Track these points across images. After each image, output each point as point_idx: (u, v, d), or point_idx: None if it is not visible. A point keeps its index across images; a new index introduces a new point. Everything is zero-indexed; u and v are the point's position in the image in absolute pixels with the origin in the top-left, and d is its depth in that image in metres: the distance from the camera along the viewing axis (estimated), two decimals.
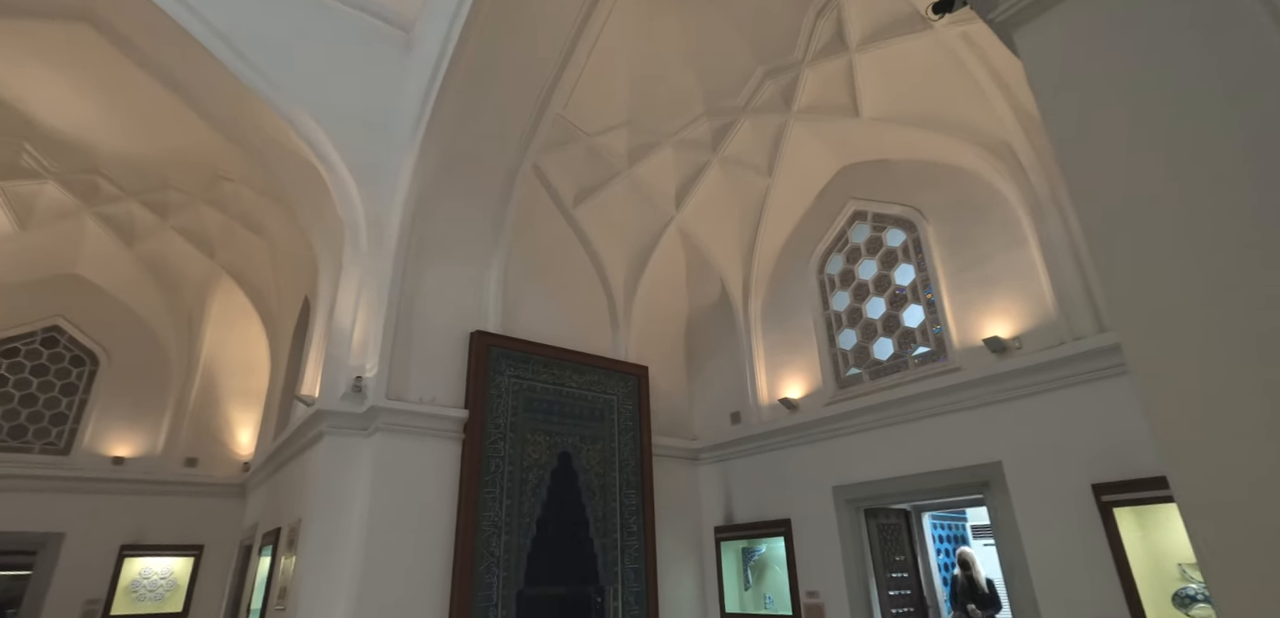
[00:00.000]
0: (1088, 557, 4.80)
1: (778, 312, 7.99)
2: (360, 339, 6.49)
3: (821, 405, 7.03)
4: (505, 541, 6.35)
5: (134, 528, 9.38)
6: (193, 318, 10.37)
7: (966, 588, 6.64)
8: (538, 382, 7.17)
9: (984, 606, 6.47)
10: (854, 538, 6.45)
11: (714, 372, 8.60)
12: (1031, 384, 5.31)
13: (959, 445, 5.75)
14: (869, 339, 6.83)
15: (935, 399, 5.93)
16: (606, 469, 7.37)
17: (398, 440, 6.12)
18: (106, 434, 9.58)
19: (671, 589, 7.51)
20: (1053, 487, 5.08)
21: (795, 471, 7.16)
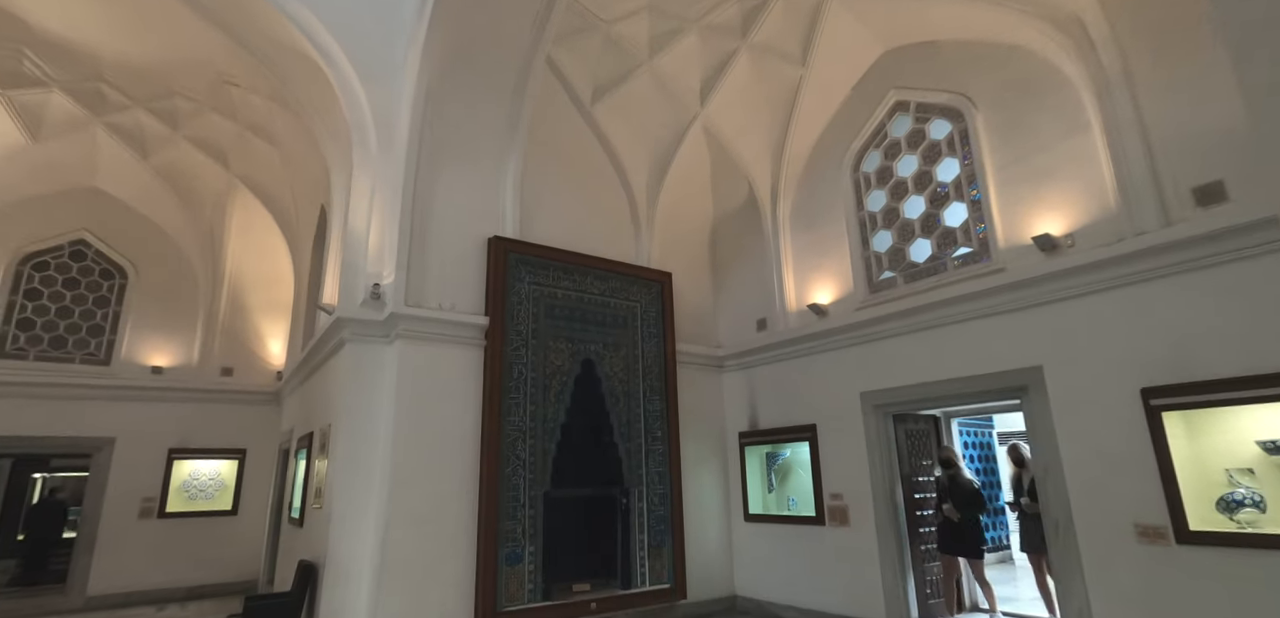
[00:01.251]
0: (1129, 462, 4.61)
1: (808, 214, 7.60)
2: (376, 246, 6.34)
3: (852, 311, 6.77)
4: (530, 445, 6.41)
5: (179, 433, 9.81)
6: (214, 231, 10.36)
7: (947, 488, 6.36)
8: (558, 289, 7.01)
9: (964, 506, 6.19)
10: (881, 443, 6.36)
11: (740, 278, 8.34)
12: (1082, 284, 4.95)
13: (997, 350, 5.48)
14: (906, 241, 6.46)
15: (975, 302, 5.62)
16: (630, 376, 7.31)
17: (419, 348, 6.08)
18: (143, 345, 9.85)
19: (696, 491, 7.62)
20: (1097, 391, 4.84)
21: (823, 377, 7.01)
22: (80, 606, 8.79)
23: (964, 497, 6.22)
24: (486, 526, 5.96)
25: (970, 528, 6.20)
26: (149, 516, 9.42)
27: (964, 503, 6.20)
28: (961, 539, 6.21)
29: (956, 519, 6.14)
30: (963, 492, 6.25)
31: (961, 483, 6.29)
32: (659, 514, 7.12)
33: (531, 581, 6.14)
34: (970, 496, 6.22)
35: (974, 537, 6.21)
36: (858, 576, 6.33)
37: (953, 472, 6.38)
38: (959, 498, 6.22)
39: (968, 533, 6.20)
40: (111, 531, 9.13)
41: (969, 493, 6.24)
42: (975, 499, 6.22)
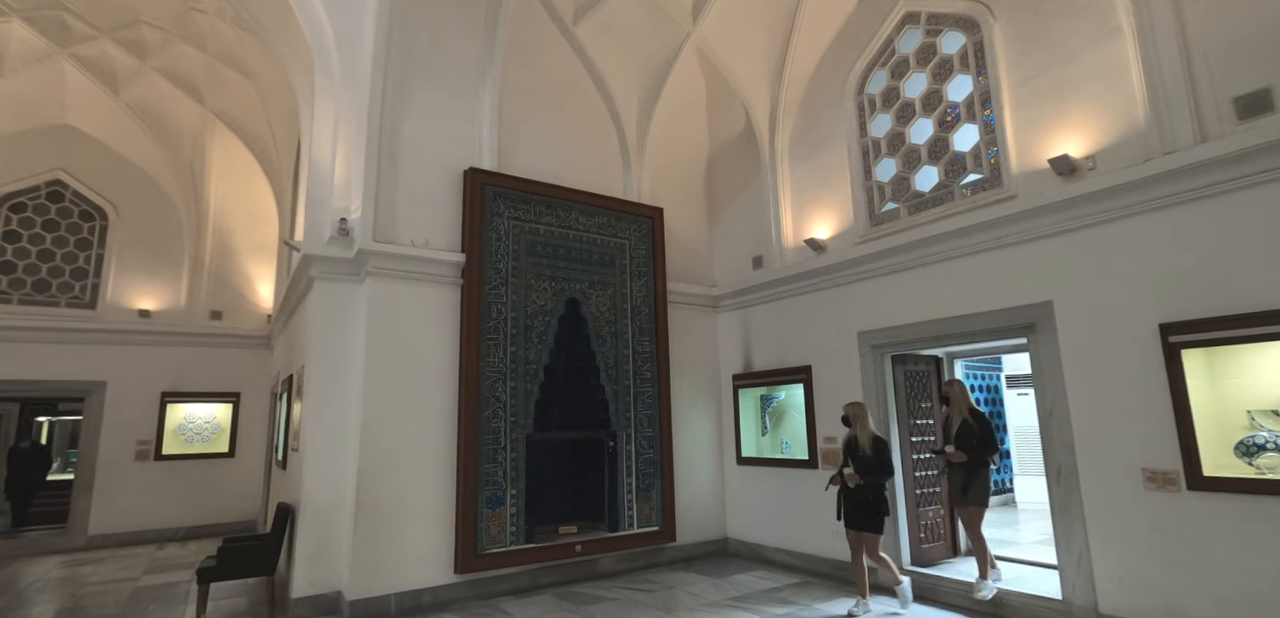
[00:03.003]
0: (1141, 403, 4.27)
1: (808, 143, 7.09)
2: (342, 178, 5.99)
3: (852, 245, 6.36)
4: (511, 387, 6.18)
5: (171, 377, 9.75)
6: (195, 170, 10.04)
7: (849, 447, 5.17)
8: (540, 224, 6.65)
9: (866, 470, 4.98)
10: (878, 385, 6.05)
11: (735, 213, 7.91)
12: (1101, 211, 4.50)
13: (1004, 285, 5.08)
14: (911, 168, 5.97)
15: (983, 234, 5.19)
16: (618, 316, 7.01)
17: (391, 286, 5.80)
18: (128, 288, 9.69)
19: (687, 435, 7.41)
20: (1111, 327, 4.45)
21: (819, 316, 6.66)
22: (82, 545, 8.92)
23: (866, 459, 5.01)
24: (465, 468, 5.80)
25: (872, 498, 4.98)
26: (145, 458, 9.46)
27: (866, 467, 4.99)
28: (859, 510, 5.02)
29: (853, 486, 5.01)
30: (864, 452, 5.04)
31: (864, 442, 5.06)
32: (648, 457, 6.94)
33: (514, 523, 6.01)
34: (873, 459, 4.99)
35: (873, 508, 4.98)
36: None
37: (854, 429, 5.15)
38: (860, 460, 5.03)
39: (865, 503, 4.99)
40: (109, 473, 9.19)
41: (871, 455, 5.01)
42: (878, 462, 4.99)
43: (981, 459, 4.99)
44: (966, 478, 4.99)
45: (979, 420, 5.06)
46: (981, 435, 5.01)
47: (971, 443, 5.00)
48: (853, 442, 5.15)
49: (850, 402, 5.41)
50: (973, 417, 5.07)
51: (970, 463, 4.98)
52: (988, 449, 4.98)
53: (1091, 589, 4.42)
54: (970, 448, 5.00)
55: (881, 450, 5.05)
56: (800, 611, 5.27)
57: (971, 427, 5.03)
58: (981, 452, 4.98)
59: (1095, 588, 4.41)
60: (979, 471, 4.99)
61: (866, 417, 5.19)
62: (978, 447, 4.99)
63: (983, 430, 5.02)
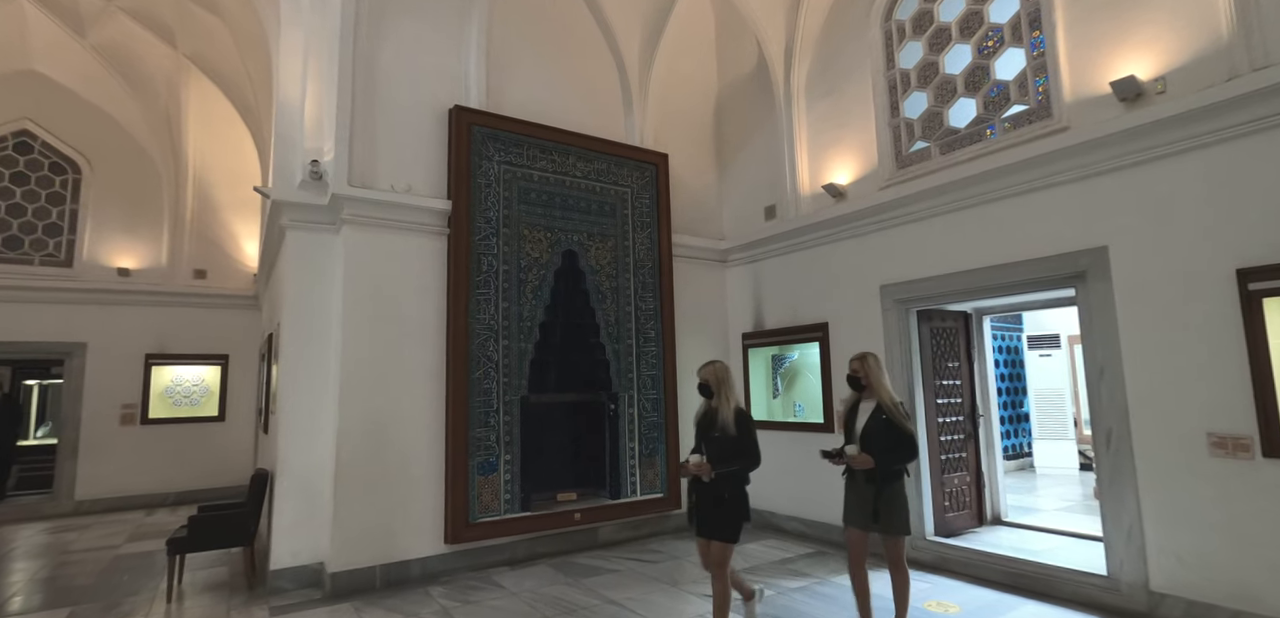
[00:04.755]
0: (1209, 359, 3.76)
1: (827, 79, 6.46)
2: (314, 117, 5.44)
3: (875, 190, 5.79)
4: (504, 346, 5.72)
5: (155, 339, 9.36)
6: (171, 120, 9.48)
7: (702, 424, 3.68)
8: (534, 169, 6.10)
9: (725, 457, 3.46)
10: (902, 343, 5.55)
11: (746, 159, 7.31)
12: (1171, 141, 3.92)
13: (1051, 229, 4.53)
14: (944, 102, 5.36)
15: (1027, 172, 4.62)
16: (619, 270, 6.51)
17: (370, 235, 5.30)
18: (106, 246, 9.24)
19: (693, 397, 6.83)
20: (1176, 274, 3.92)
21: (838, 269, 6.13)
22: (69, 510, 8.66)
23: (726, 440, 3.48)
24: (455, 432, 5.38)
25: (728, 494, 3.46)
26: (131, 422, 9.14)
27: (725, 450, 3.47)
28: (711, 509, 3.50)
29: (707, 478, 3.47)
30: (725, 431, 3.50)
31: (726, 417, 3.51)
32: (651, 421, 6.51)
33: (508, 490, 5.62)
34: (736, 441, 3.46)
35: (730, 508, 3.46)
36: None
37: (714, 400, 3.60)
38: (717, 441, 3.50)
39: (721, 500, 3.46)
40: (94, 437, 8.88)
41: (734, 435, 3.47)
42: (742, 445, 3.46)
43: (895, 469, 3.47)
44: (876, 496, 3.42)
45: (905, 416, 3.51)
46: (900, 435, 3.42)
47: (884, 444, 3.42)
48: (709, 416, 3.59)
49: (708, 362, 3.77)
50: (894, 407, 3.49)
51: (881, 473, 3.43)
52: (904, 454, 3.43)
53: (1142, 565, 3.99)
54: (882, 450, 3.42)
55: (747, 429, 3.51)
56: (815, 583, 4.89)
57: (892, 421, 3.43)
58: (897, 457, 3.44)
59: (1147, 564, 3.97)
60: (892, 485, 3.46)
61: (731, 382, 3.65)
62: (891, 451, 3.42)
63: (901, 429, 3.43)
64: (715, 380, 3.65)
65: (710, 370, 3.70)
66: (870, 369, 3.63)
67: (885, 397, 3.52)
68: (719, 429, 3.54)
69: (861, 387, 3.69)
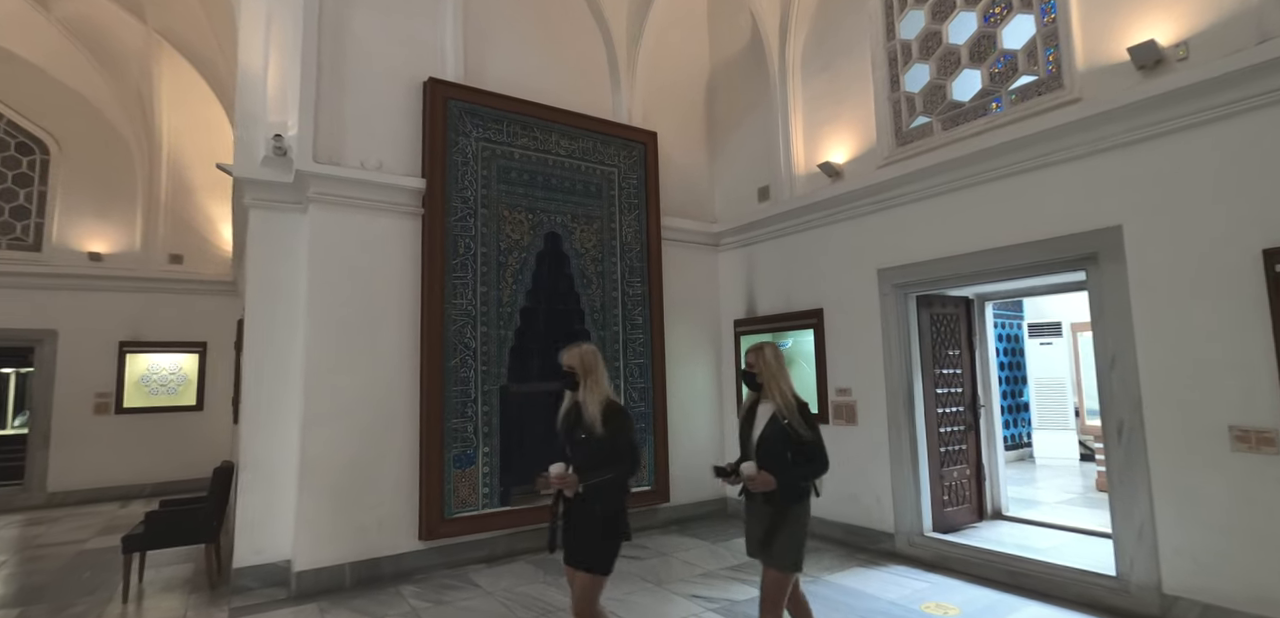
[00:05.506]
0: (1231, 347, 3.50)
1: (823, 53, 6.14)
2: (277, 88, 5.12)
3: (873, 169, 5.49)
4: (482, 332, 5.44)
5: (129, 326, 9.07)
6: (144, 99, 9.11)
7: (569, 419, 2.90)
8: (515, 147, 5.79)
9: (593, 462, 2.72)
10: (900, 330, 5.28)
11: (739, 139, 7.00)
12: (1193, 112, 3.63)
13: (1060, 208, 4.25)
14: (947, 74, 5.06)
15: (1036, 147, 4.33)
16: (605, 254, 6.21)
17: (338, 215, 5.00)
18: (77, 230, 8.92)
19: (682, 387, 6.70)
20: (1196, 255, 3.64)
21: (833, 252, 5.84)
22: (41, 502, 8.40)
23: (594, 444, 2.74)
24: (429, 423, 5.11)
25: (600, 509, 2.70)
26: (105, 411, 8.86)
27: (594, 455, 2.73)
28: (579, 531, 2.75)
29: (572, 493, 2.74)
30: (592, 432, 2.75)
31: (592, 414, 2.76)
32: (639, 411, 6.24)
33: (486, 484, 5.36)
34: (605, 442, 2.72)
35: (602, 529, 2.72)
36: (864, 481, 5.46)
37: (580, 392, 2.83)
38: (584, 445, 2.78)
39: (591, 519, 2.71)
40: (66, 427, 8.61)
41: (604, 435, 2.73)
42: (614, 447, 2.72)
43: (800, 486, 2.76)
44: (773, 518, 2.72)
45: (806, 420, 2.78)
46: (801, 446, 2.74)
47: (781, 456, 2.73)
48: (574, 413, 2.87)
49: (572, 347, 2.93)
50: (801, 413, 2.78)
51: (783, 493, 2.71)
52: (809, 468, 2.73)
53: (1155, 566, 3.74)
54: (780, 465, 2.72)
55: (619, 427, 2.76)
56: (807, 582, 4.63)
57: (790, 428, 2.73)
58: (799, 473, 2.73)
59: (1160, 564, 3.73)
60: (793, 508, 2.73)
61: (599, 370, 2.86)
62: (792, 466, 2.73)
63: (801, 439, 2.73)
64: (581, 367, 2.85)
65: (575, 355, 2.89)
66: (766, 364, 2.86)
67: (780, 398, 2.78)
68: (585, 429, 2.79)
69: (759, 386, 2.89)
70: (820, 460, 2.78)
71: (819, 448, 2.78)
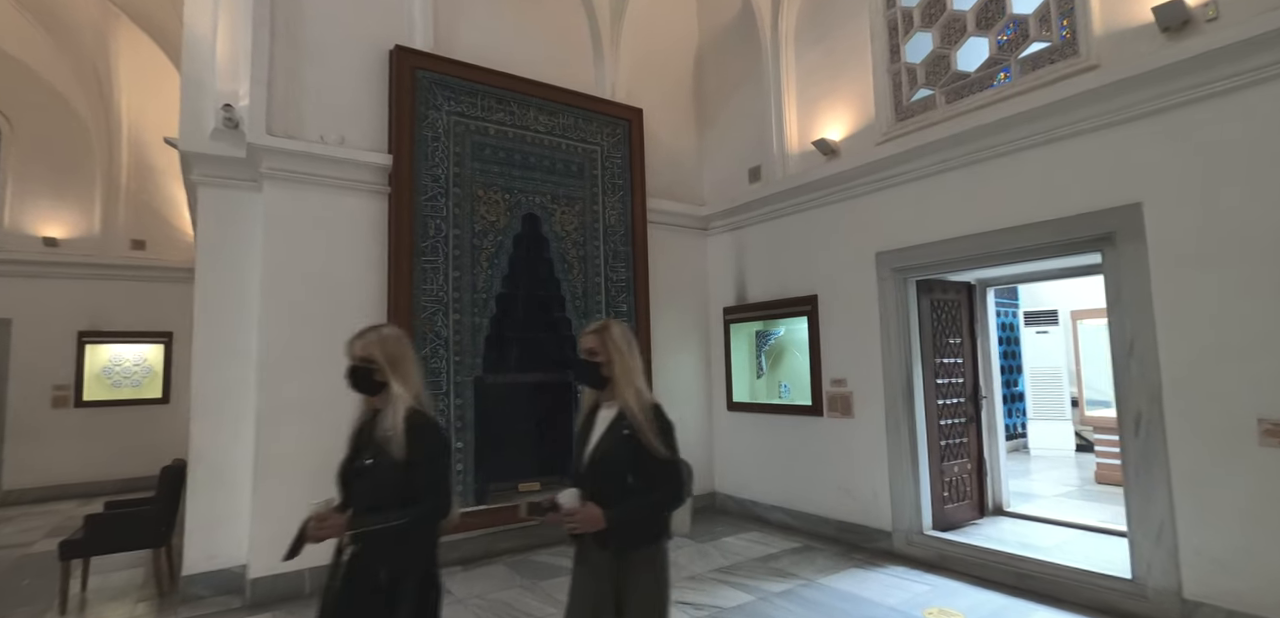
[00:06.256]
0: (1261, 334, 3.23)
1: (818, 23, 5.79)
2: (228, 54, 4.71)
3: (871, 146, 5.17)
4: (454, 320, 5.08)
5: (88, 315, 8.60)
6: (100, 74, 8.61)
7: (360, 438, 2.12)
8: (490, 123, 5.41)
9: (375, 492, 1.95)
10: (899, 317, 4.99)
11: (729, 116, 6.65)
12: (1222, 78, 3.34)
13: (1073, 185, 3.96)
14: (952, 43, 4.73)
15: (1048, 119, 4.02)
16: (587, 238, 5.86)
17: (295, 193, 4.61)
18: (30, 213, 8.42)
19: (669, 378, 6.38)
20: (1224, 234, 3.36)
21: (828, 235, 5.53)
22: None
23: (384, 469, 1.95)
24: None
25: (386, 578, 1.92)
26: (63, 405, 8.41)
27: (375, 489, 1.96)
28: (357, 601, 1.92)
29: (346, 544, 1.96)
30: (384, 450, 1.95)
31: (391, 423, 1.97)
32: None
33: (461, 482, 5.02)
34: (397, 473, 1.93)
35: (387, 587, 1.92)
36: (860, 475, 5.18)
37: (384, 397, 2.05)
38: (362, 479, 2.01)
39: (370, 578, 1.92)
40: (22, 421, 8.15)
41: (406, 454, 1.93)
42: (414, 480, 1.94)
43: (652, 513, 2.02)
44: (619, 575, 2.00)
45: (660, 429, 2.02)
46: (660, 466, 1.99)
47: (621, 480, 1.99)
48: (365, 429, 2.11)
49: (367, 331, 2.13)
50: (655, 419, 2.03)
51: (616, 534, 1.96)
52: (659, 497, 2.00)
53: (1175, 569, 3.48)
54: (620, 491, 1.98)
55: (429, 450, 1.98)
56: (801, 586, 4.35)
57: (637, 439, 1.98)
58: (648, 506, 1.99)
59: (1180, 567, 3.46)
60: (643, 558, 2.00)
61: (408, 363, 2.09)
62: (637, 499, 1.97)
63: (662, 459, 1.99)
64: (384, 359, 2.00)
65: (373, 344, 2.01)
66: (614, 347, 2.07)
67: (630, 398, 2.01)
68: (374, 451, 1.92)
69: (604, 380, 2.08)
70: (670, 489, 1.98)
71: (673, 471, 1.99)
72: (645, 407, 2.03)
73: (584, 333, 2.20)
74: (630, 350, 2.12)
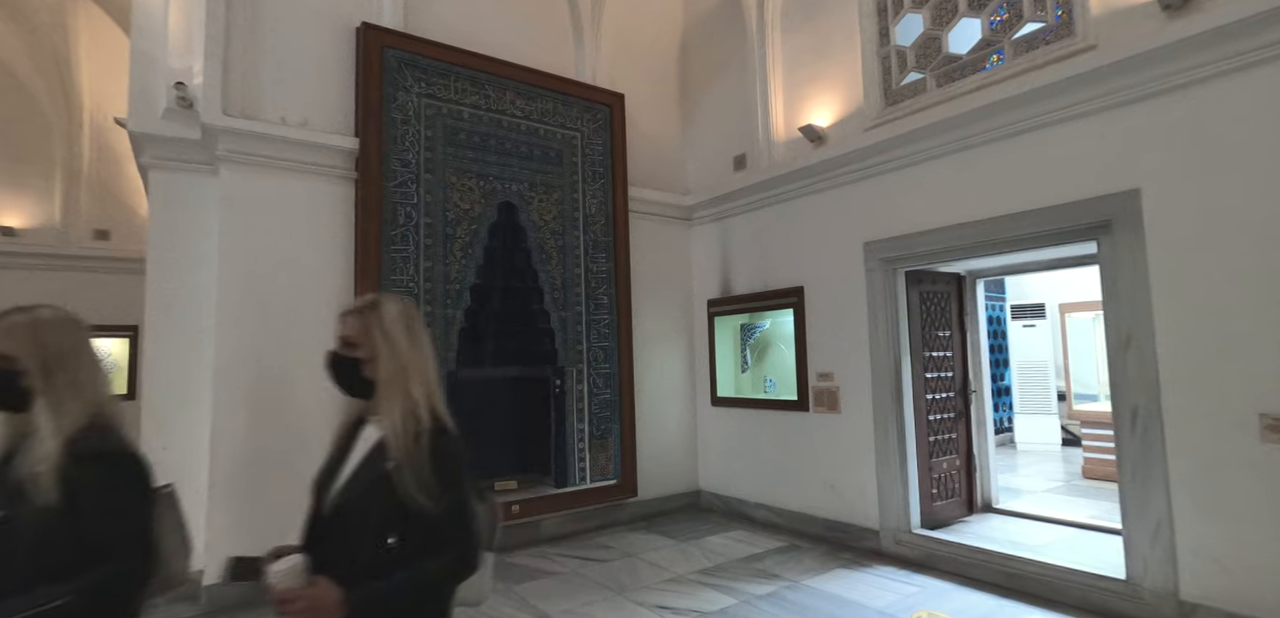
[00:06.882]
0: (1265, 326, 3.10)
1: (807, 3, 5.60)
2: (181, 28, 4.43)
3: (860, 132, 5.00)
4: (427, 312, 4.85)
5: None
6: (59, 56, 8.22)
7: None
8: (464, 106, 5.16)
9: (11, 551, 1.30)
10: (888, 309, 4.83)
11: (714, 103, 6.45)
12: (1227, 57, 3.20)
13: (1069, 171, 3.81)
14: (943, 23, 4.56)
15: (1043, 103, 3.87)
16: (566, 227, 5.64)
17: (254, 177, 4.35)
18: None
19: (652, 372, 6.18)
20: (1226, 222, 3.23)
21: (816, 224, 5.36)
22: None
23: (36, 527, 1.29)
24: None
25: None
26: None
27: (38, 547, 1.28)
28: None
29: None
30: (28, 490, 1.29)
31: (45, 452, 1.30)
32: (604, 399, 5.71)
33: None
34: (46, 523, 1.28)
35: None
36: (846, 472, 5.02)
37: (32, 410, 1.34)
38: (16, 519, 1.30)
39: None
40: None
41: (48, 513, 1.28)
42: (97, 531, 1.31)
43: (421, 593, 1.38)
44: None
45: (441, 464, 1.39)
46: (441, 522, 1.38)
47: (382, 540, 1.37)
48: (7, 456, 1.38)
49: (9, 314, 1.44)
50: (434, 446, 1.39)
51: (380, 612, 1.35)
52: (437, 572, 1.39)
53: (1172, 570, 3.35)
54: (382, 556, 1.36)
55: (109, 486, 1.36)
56: (785, 588, 4.18)
57: (415, 488, 1.35)
58: (418, 582, 1.36)
59: (1177, 568, 3.33)
60: None
61: (76, 362, 1.44)
62: (401, 575, 1.35)
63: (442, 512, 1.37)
64: (33, 354, 1.37)
65: (23, 332, 1.40)
66: (382, 335, 1.46)
67: (398, 413, 1.40)
68: (10, 487, 1.32)
69: (366, 384, 1.47)
70: (454, 554, 1.37)
71: (457, 525, 1.38)
72: (420, 427, 1.36)
73: (343, 313, 1.49)
74: (411, 340, 1.47)
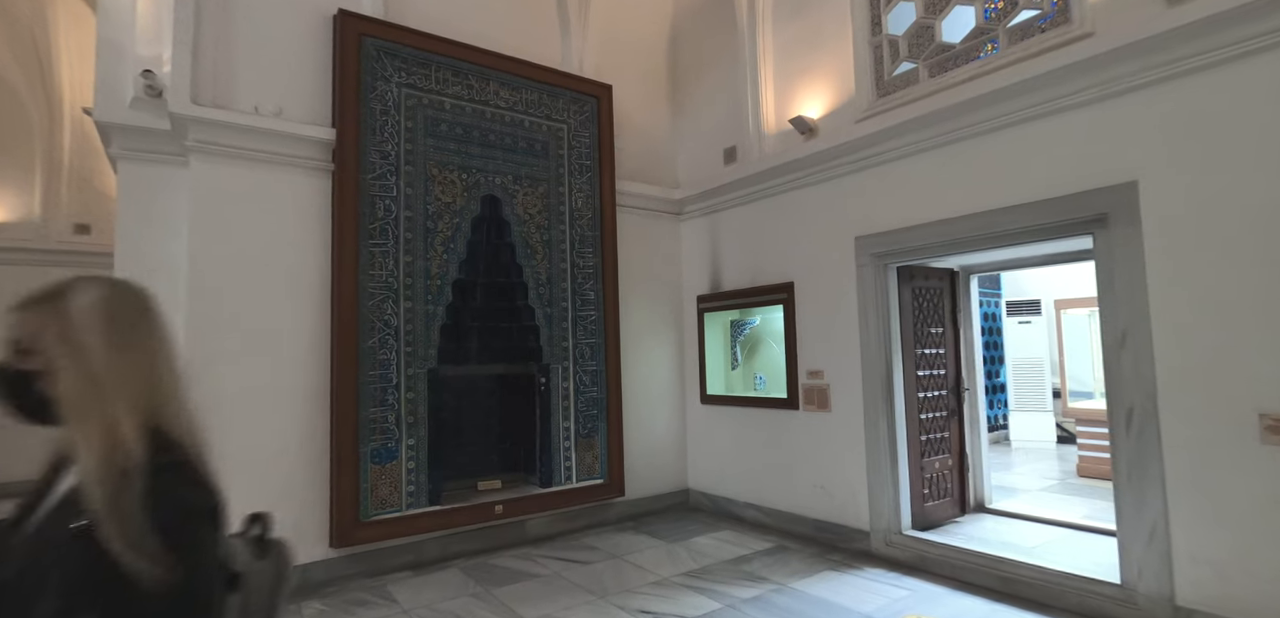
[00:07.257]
0: (1266, 325, 3.00)
1: None
2: (150, 13, 4.29)
3: (851, 124, 4.88)
4: (406, 308, 4.73)
5: None
6: (39, 47, 8.05)
7: None
8: (446, 96, 5.03)
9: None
10: (879, 305, 4.72)
11: (704, 95, 6.32)
12: (1228, 44, 3.08)
13: (1065, 163, 3.70)
14: (936, 12, 4.44)
15: (1038, 93, 3.76)
16: (552, 221, 5.52)
17: (227, 169, 4.22)
18: None
19: (640, 369, 6.07)
20: (1227, 216, 3.12)
21: (807, 219, 5.24)
22: None
23: None
24: (341, 413, 4.40)
25: None
26: None
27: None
28: None
29: None
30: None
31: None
32: (590, 396, 5.60)
33: (412, 481, 4.68)
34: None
35: None
36: (836, 472, 4.92)
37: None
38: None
39: None
40: None
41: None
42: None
43: None
44: None
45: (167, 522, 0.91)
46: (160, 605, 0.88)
47: None
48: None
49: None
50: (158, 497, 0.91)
51: None
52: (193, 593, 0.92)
53: (1167, 574, 3.25)
54: None
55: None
56: (772, 591, 4.08)
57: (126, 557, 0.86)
58: None
59: (1173, 572, 3.24)
60: None
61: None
62: None
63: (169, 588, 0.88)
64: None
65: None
66: (63, 340, 1.00)
67: (96, 449, 0.91)
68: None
69: (44, 406, 0.99)
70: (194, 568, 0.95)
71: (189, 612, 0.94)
72: (129, 463, 0.91)
73: (15, 306, 1.08)
74: (113, 340, 1.00)
